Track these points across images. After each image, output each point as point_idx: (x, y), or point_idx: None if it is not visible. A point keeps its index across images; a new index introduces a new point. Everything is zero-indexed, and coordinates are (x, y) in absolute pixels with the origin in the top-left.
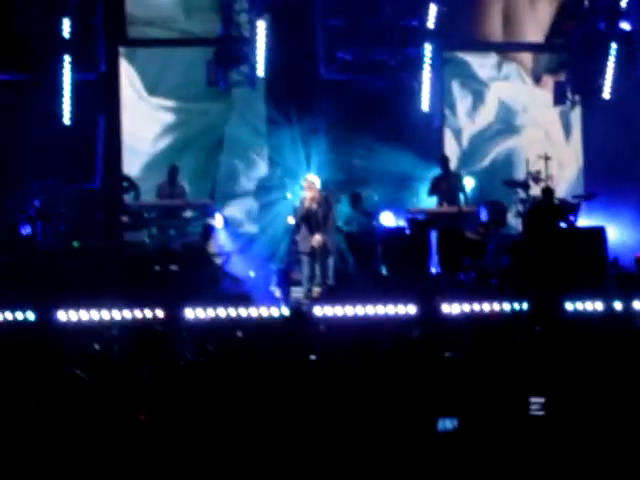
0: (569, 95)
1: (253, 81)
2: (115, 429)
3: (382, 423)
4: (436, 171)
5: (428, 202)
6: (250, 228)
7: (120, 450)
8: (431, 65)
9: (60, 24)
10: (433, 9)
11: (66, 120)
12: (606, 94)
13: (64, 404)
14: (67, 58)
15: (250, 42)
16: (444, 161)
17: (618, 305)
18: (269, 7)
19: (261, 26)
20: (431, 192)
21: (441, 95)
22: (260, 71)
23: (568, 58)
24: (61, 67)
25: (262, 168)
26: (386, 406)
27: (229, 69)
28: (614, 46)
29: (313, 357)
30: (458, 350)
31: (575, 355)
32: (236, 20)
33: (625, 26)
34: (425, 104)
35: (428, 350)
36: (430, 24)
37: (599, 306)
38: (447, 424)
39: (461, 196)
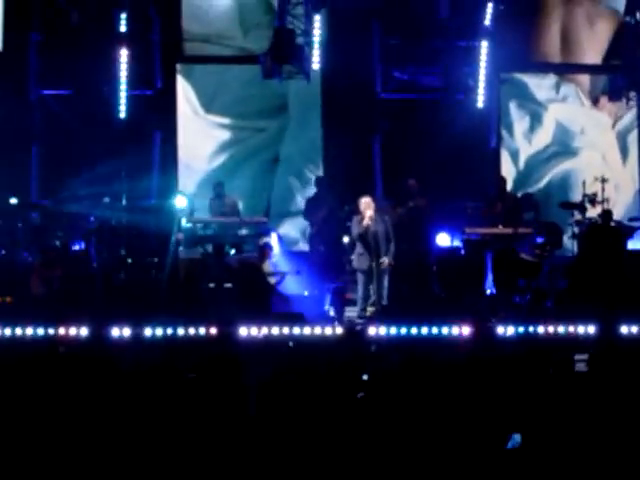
0: (625, 93)
1: (308, 74)
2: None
3: (440, 439)
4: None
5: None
6: (305, 247)
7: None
8: (486, 62)
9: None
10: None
11: (122, 114)
12: None
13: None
14: (124, 52)
15: (306, 34)
16: (500, 182)
17: None
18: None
19: (317, 19)
20: (486, 213)
21: (498, 115)
22: (315, 64)
23: (623, 55)
24: (118, 61)
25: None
26: (442, 422)
27: (284, 62)
28: None
29: (365, 377)
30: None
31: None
32: (292, 12)
33: None
34: (480, 100)
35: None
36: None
37: None
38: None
39: (528, 215)
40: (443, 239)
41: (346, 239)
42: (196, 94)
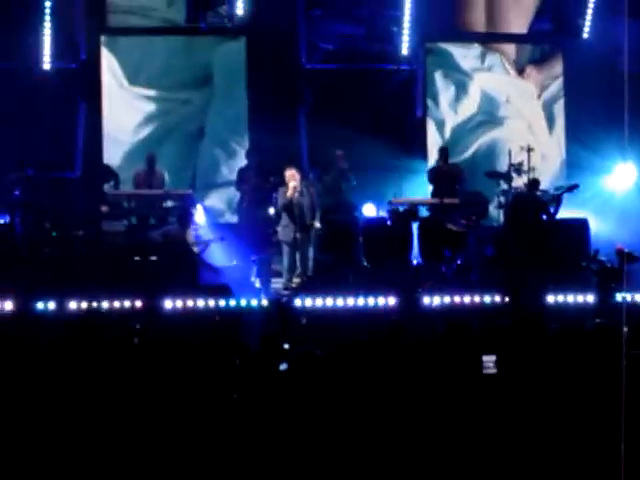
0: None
1: (232, 20)
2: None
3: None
4: (418, 163)
5: (411, 193)
6: (231, 218)
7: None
8: (410, 29)
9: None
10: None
11: (46, 65)
12: (585, 34)
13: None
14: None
15: None
16: (443, 152)
17: (598, 298)
18: None
19: None
20: (431, 181)
21: (423, 85)
22: (240, 9)
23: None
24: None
25: (243, 158)
26: (361, 398)
27: (209, 7)
28: None
29: (287, 346)
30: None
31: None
32: None
33: None
34: (405, 48)
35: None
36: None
37: (580, 299)
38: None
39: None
40: (369, 209)
41: (272, 210)
42: (121, 66)
